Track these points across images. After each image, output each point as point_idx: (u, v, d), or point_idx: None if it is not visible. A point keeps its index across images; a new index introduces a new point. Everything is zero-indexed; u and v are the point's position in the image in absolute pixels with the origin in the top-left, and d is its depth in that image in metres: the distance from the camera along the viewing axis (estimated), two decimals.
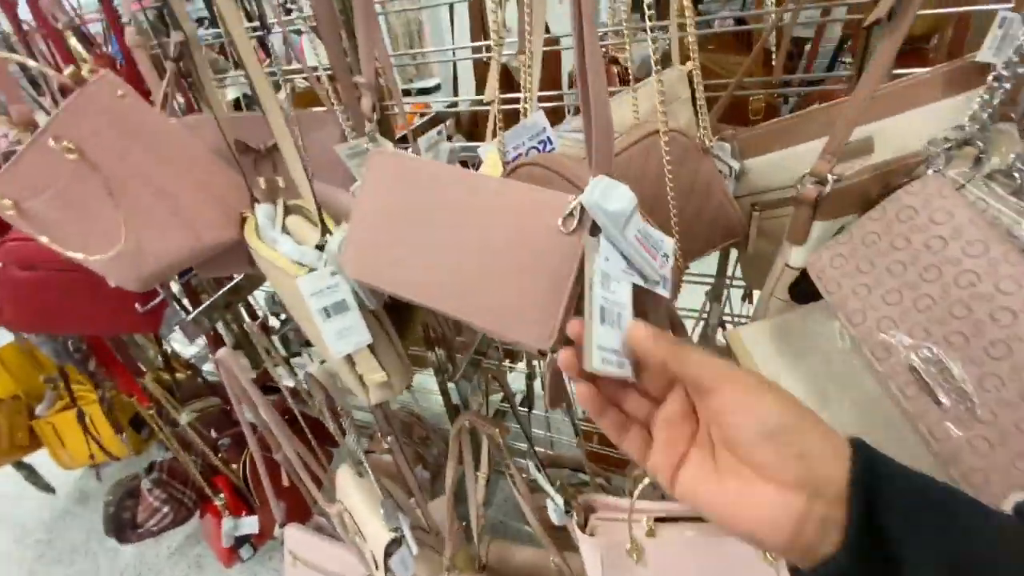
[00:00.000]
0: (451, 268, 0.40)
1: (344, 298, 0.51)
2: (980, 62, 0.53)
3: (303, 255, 0.52)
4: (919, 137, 0.58)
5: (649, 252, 0.34)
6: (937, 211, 0.40)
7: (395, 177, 0.43)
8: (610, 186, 0.32)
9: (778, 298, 0.61)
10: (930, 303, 0.39)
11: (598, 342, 0.31)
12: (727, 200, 0.59)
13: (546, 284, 0.36)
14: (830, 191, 0.52)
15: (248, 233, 0.58)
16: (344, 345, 0.53)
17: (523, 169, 0.49)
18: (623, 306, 0.33)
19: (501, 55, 0.59)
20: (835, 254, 0.46)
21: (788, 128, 0.63)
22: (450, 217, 0.40)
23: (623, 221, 0.32)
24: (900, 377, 0.40)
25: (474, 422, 0.64)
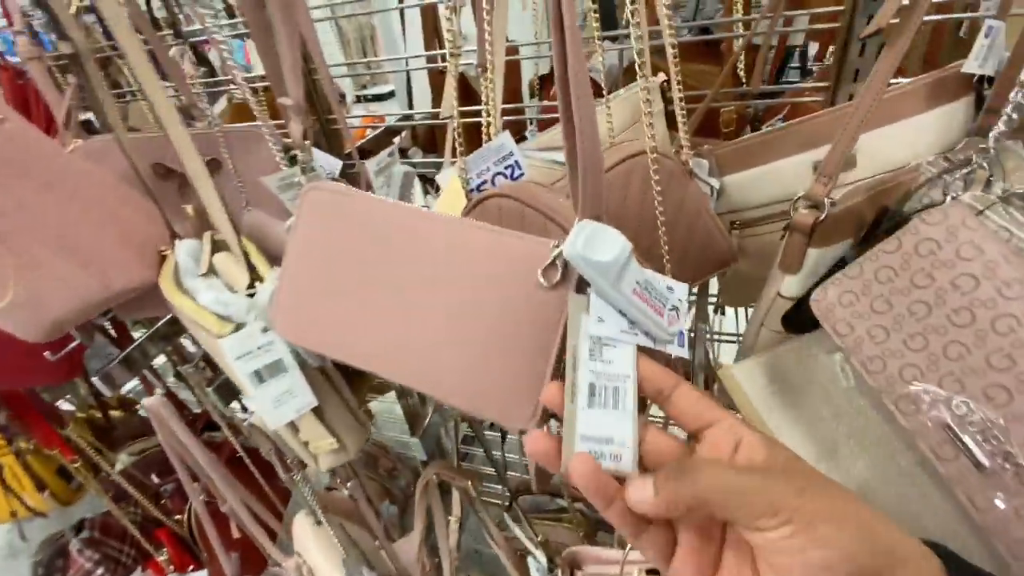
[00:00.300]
0: (407, 332, 0.33)
1: (280, 358, 0.44)
2: (966, 73, 0.50)
3: (228, 306, 0.44)
4: (904, 150, 0.55)
5: (653, 307, 0.28)
6: (963, 245, 0.35)
7: (337, 218, 0.36)
8: (596, 232, 0.27)
9: (770, 329, 0.57)
10: (963, 351, 0.35)
11: (583, 430, 0.26)
12: (716, 228, 0.54)
13: (526, 352, 0.30)
14: (827, 216, 0.48)
15: (163, 278, 0.49)
16: (284, 413, 0.45)
17: (491, 202, 0.43)
18: (623, 378, 0.27)
19: (458, 65, 0.52)
20: (844, 291, 0.41)
21: (766, 143, 0.59)
22: (405, 270, 0.33)
23: (615, 273, 0.27)
24: (932, 436, 0.35)
25: (443, 475, 0.57)
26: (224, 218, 0.42)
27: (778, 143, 0.58)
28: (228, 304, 0.44)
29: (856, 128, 0.45)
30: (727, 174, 0.62)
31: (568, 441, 0.26)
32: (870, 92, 0.44)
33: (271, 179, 0.45)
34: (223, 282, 0.48)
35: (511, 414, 0.31)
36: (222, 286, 0.48)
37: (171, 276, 0.48)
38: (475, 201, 0.44)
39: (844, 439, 0.43)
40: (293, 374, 0.44)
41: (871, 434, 0.41)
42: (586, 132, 0.25)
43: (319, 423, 0.47)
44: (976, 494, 0.33)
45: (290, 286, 0.38)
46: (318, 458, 0.51)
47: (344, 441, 0.50)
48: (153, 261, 0.52)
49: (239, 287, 0.47)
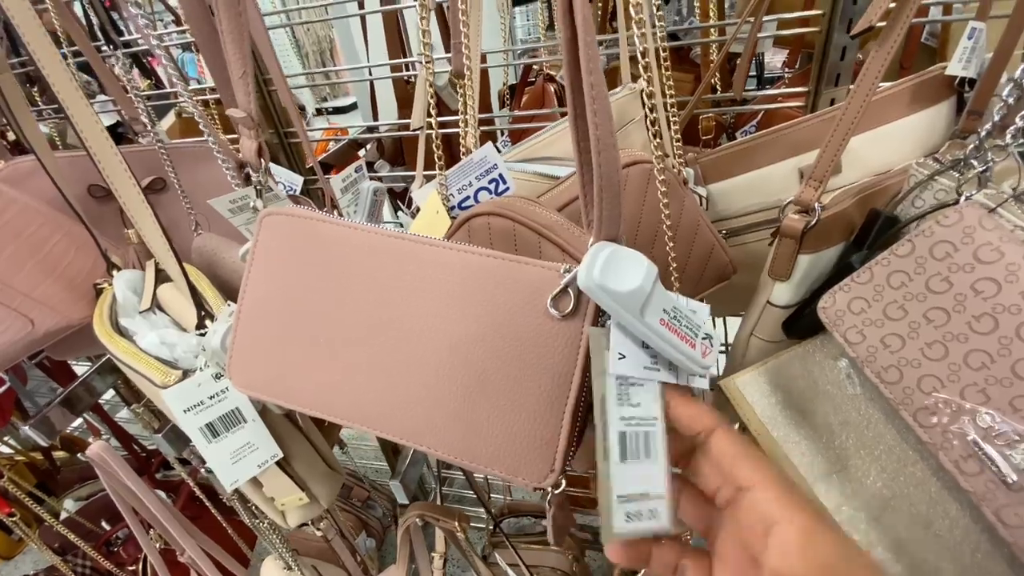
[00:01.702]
0: (393, 379, 0.29)
1: (237, 406, 0.38)
2: (948, 75, 0.49)
3: (175, 348, 0.38)
4: (889, 154, 0.54)
5: (685, 338, 0.25)
6: (982, 247, 0.33)
7: (301, 248, 0.31)
8: (615, 256, 0.23)
9: (759, 338, 0.55)
10: (986, 359, 0.33)
11: (619, 491, 0.23)
12: (715, 239, 0.51)
13: (538, 394, 0.26)
14: (817, 222, 0.46)
15: (97, 317, 0.42)
16: (243, 469, 0.39)
17: (478, 220, 0.38)
18: (651, 421, 0.24)
19: (432, 75, 0.49)
20: (854, 297, 0.39)
21: (750, 151, 0.58)
22: (386, 305, 0.29)
23: (640, 303, 0.23)
24: (955, 450, 0.33)
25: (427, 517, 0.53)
26: (165, 247, 0.37)
27: (763, 150, 0.56)
28: (174, 345, 0.38)
29: (846, 131, 0.43)
30: (711, 182, 0.60)
31: (605, 505, 0.23)
32: (859, 94, 0.42)
33: (219, 201, 0.40)
34: (170, 318, 0.42)
35: (523, 470, 0.26)
36: (166, 324, 0.42)
37: (106, 314, 0.42)
38: (461, 220, 0.40)
39: (854, 450, 0.41)
40: (254, 425, 0.39)
41: (882, 443, 0.39)
42: (604, 144, 0.22)
43: (286, 476, 0.42)
44: (1004, 510, 0.31)
45: (248, 329, 0.32)
46: (286, 514, 0.45)
47: (315, 493, 0.44)
48: (87, 296, 0.46)
49: (189, 324, 0.41)
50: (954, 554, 0.35)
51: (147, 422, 0.78)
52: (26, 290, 0.42)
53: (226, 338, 0.36)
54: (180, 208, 0.66)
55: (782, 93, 0.63)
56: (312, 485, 0.44)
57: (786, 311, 0.50)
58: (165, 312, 0.43)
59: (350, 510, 1.21)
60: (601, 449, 0.24)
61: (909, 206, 0.44)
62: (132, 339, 0.40)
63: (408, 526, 0.56)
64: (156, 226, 0.36)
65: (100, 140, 0.33)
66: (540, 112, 0.89)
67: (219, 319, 0.37)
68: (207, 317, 0.39)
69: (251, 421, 0.39)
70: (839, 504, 0.41)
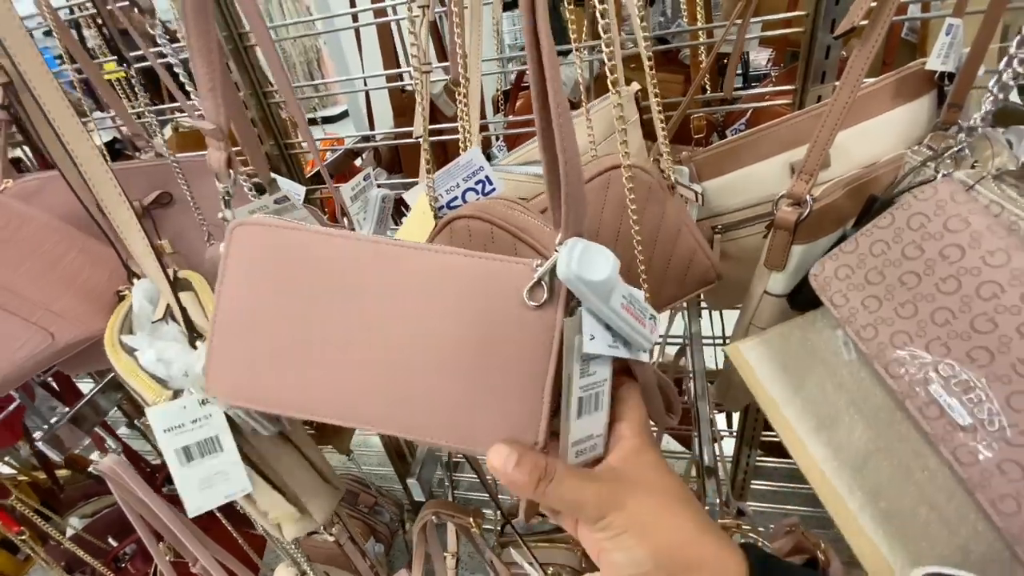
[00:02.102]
0: (383, 376, 0.30)
1: (216, 434, 0.39)
2: (928, 70, 0.52)
3: (170, 367, 0.39)
4: (874, 147, 0.56)
5: (638, 318, 0.29)
6: (951, 218, 0.37)
7: (276, 257, 0.31)
8: (588, 250, 0.26)
9: (757, 327, 0.57)
10: (949, 316, 0.36)
11: (574, 439, 0.29)
12: (698, 245, 0.53)
13: (520, 377, 0.29)
14: (809, 213, 0.48)
15: (109, 332, 0.43)
16: (210, 497, 0.40)
17: (459, 223, 0.40)
18: (602, 383, 0.29)
19: (428, 83, 0.50)
20: (840, 264, 0.43)
21: (742, 148, 0.60)
22: (370, 307, 0.30)
23: (607, 290, 0.26)
24: (919, 397, 0.37)
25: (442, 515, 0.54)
26: (155, 267, 0.37)
27: (754, 147, 0.58)
28: (171, 363, 0.39)
29: (835, 124, 0.46)
30: (705, 179, 0.62)
31: (562, 449, 0.29)
32: (845, 90, 0.44)
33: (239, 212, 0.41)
34: (180, 329, 0.43)
35: None
36: (175, 335, 0.43)
37: (116, 329, 0.43)
38: (443, 222, 0.41)
39: (844, 408, 0.44)
40: (229, 455, 0.40)
41: (871, 403, 0.42)
42: (566, 147, 0.24)
43: (277, 493, 0.43)
44: (959, 449, 0.35)
45: (225, 341, 0.32)
46: (282, 527, 0.46)
47: (310, 508, 0.45)
48: (105, 308, 0.47)
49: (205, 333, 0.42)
50: (931, 501, 0.39)
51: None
52: (46, 303, 0.43)
53: None
54: (187, 220, 0.67)
55: (770, 92, 0.65)
56: (307, 500, 0.45)
57: (782, 300, 0.52)
58: (177, 323, 0.44)
59: (357, 516, 1.22)
60: (564, 412, 0.28)
61: (906, 190, 0.46)
62: (133, 355, 0.41)
63: (425, 524, 0.57)
64: (146, 245, 0.37)
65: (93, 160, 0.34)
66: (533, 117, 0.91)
67: (204, 345, 0.38)
68: (198, 339, 0.40)
69: (227, 451, 0.40)
70: (827, 456, 0.44)
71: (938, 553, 0.38)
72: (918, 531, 0.39)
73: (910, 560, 0.39)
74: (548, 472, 0.28)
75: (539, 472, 0.27)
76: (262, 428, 0.43)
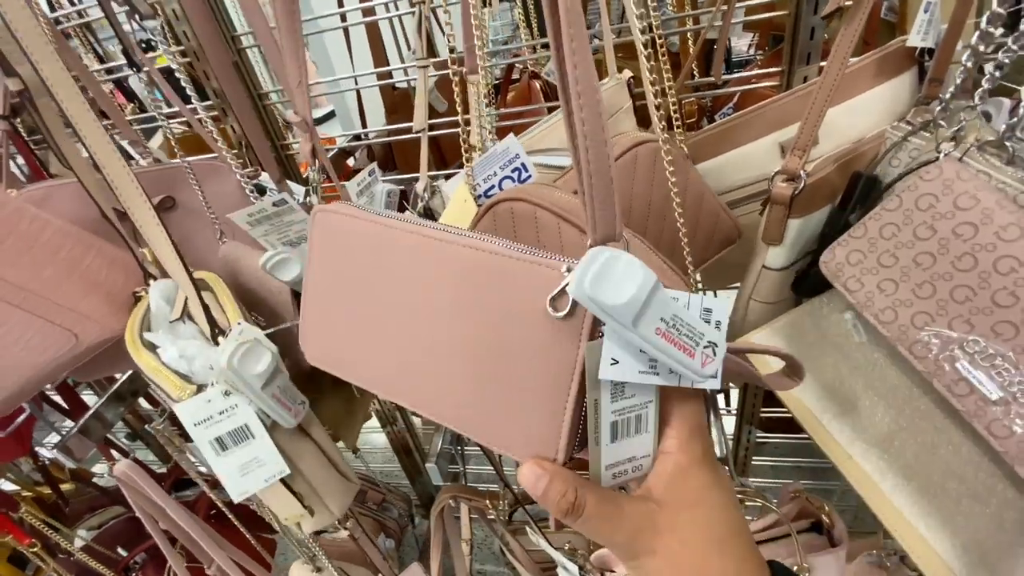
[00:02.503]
0: (425, 363, 0.31)
1: (246, 423, 0.40)
2: (909, 47, 0.54)
3: (193, 362, 0.40)
4: (860, 123, 0.58)
5: (683, 348, 0.24)
6: (960, 196, 0.37)
7: (346, 242, 0.33)
8: (610, 264, 0.22)
9: (757, 301, 0.59)
10: (969, 293, 0.37)
11: (608, 463, 0.26)
12: (720, 207, 0.55)
13: (542, 390, 0.26)
14: (804, 187, 0.50)
15: (129, 330, 0.44)
16: (251, 483, 0.41)
17: (502, 206, 0.41)
18: (644, 405, 0.26)
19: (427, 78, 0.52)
20: (851, 250, 0.43)
21: (733, 130, 0.61)
22: (413, 296, 0.30)
23: (632, 314, 0.22)
24: (947, 375, 0.37)
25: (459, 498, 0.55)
26: (178, 266, 0.38)
27: (745, 128, 0.60)
28: (193, 359, 0.40)
29: (824, 102, 0.47)
30: (699, 162, 0.64)
31: (594, 471, 0.26)
32: (833, 68, 0.46)
33: (238, 215, 0.42)
34: (198, 328, 0.44)
35: (532, 453, 0.27)
36: (194, 333, 0.44)
37: (136, 328, 0.44)
38: (486, 207, 0.43)
39: (863, 391, 0.45)
40: (261, 441, 0.41)
41: (887, 383, 0.43)
42: (592, 141, 0.21)
43: (288, 494, 0.44)
44: (993, 424, 0.35)
45: (311, 313, 0.36)
46: (301, 523, 0.48)
47: (327, 503, 0.46)
48: (124, 308, 0.48)
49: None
50: (959, 475, 0.39)
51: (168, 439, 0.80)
52: (69, 305, 0.44)
53: (233, 357, 0.38)
54: (191, 224, 0.67)
55: (757, 74, 0.67)
56: (324, 495, 0.46)
57: (781, 273, 0.54)
58: (195, 322, 0.45)
59: (367, 513, 1.23)
60: (592, 436, 0.25)
61: (887, 166, 0.48)
62: (155, 352, 0.42)
63: (442, 509, 0.58)
64: (169, 244, 0.38)
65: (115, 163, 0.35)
66: (527, 108, 0.93)
67: (229, 338, 0.39)
68: (220, 334, 0.41)
69: (259, 437, 0.41)
70: (852, 439, 0.45)
71: (974, 526, 0.38)
72: (951, 507, 0.39)
73: (950, 539, 0.39)
74: (576, 507, 0.25)
75: (567, 504, 0.25)
76: (283, 420, 0.44)
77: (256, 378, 0.40)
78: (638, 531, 0.26)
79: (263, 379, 0.41)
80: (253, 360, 0.40)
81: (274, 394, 0.42)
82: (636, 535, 0.26)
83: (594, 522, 0.25)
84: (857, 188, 0.47)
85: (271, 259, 0.48)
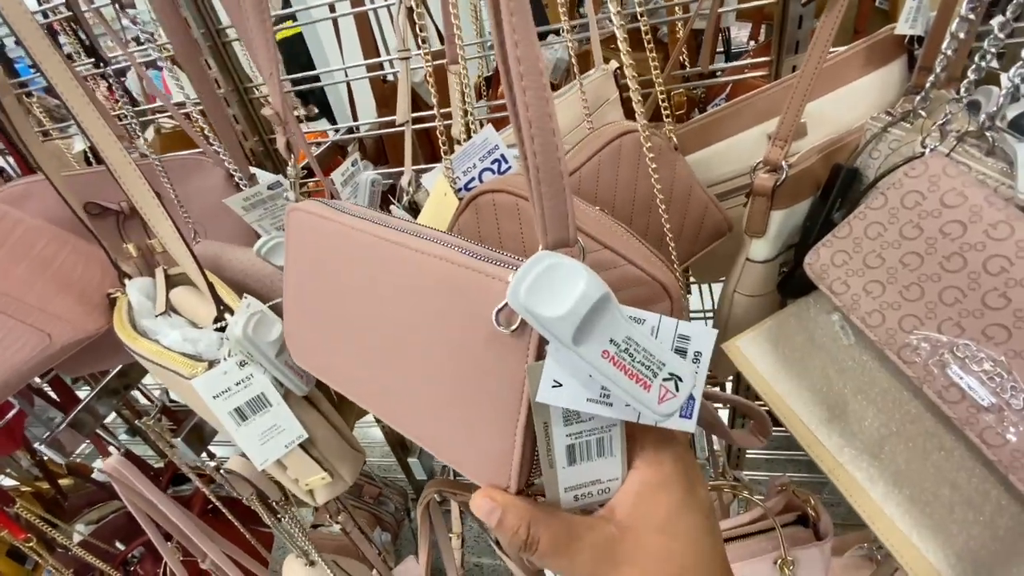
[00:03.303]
0: (386, 370, 0.29)
1: (262, 391, 0.40)
2: (898, 34, 0.53)
3: (198, 343, 0.40)
4: (849, 113, 0.57)
5: (635, 377, 0.20)
6: (947, 193, 0.36)
7: (317, 241, 0.33)
8: (551, 272, 0.19)
9: (741, 294, 0.59)
10: (958, 295, 0.35)
11: (566, 484, 0.24)
12: (709, 200, 0.54)
13: (493, 410, 0.24)
14: (785, 178, 0.49)
15: (117, 322, 0.44)
16: (272, 449, 0.42)
17: (484, 198, 0.41)
18: (608, 427, 0.23)
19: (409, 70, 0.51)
20: (836, 251, 0.42)
21: (720, 121, 0.61)
22: (376, 301, 0.29)
23: (571, 330, 0.19)
24: (937, 381, 0.36)
25: (444, 492, 0.55)
26: (184, 250, 0.38)
27: (731, 119, 0.59)
28: (197, 341, 0.40)
29: (804, 92, 0.47)
30: (687, 154, 0.63)
31: (552, 495, 0.24)
32: (813, 58, 0.45)
33: (234, 200, 0.41)
34: (185, 320, 0.44)
35: (486, 477, 0.26)
36: (182, 324, 0.44)
37: (126, 320, 0.44)
38: (467, 200, 0.42)
39: (852, 395, 0.43)
40: (278, 408, 0.41)
41: (877, 386, 0.42)
42: (539, 129, 0.19)
43: (308, 458, 0.44)
44: (986, 432, 0.34)
45: (289, 310, 0.35)
46: (314, 492, 0.48)
47: (339, 471, 0.47)
48: (100, 307, 0.48)
49: (203, 322, 0.43)
50: (952, 481, 0.38)
51: (159, 434, 0.80)
52: (40, 305, 0.44)
53: (248, 327, 0.38)
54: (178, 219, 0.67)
55: (747, 64, 0.66)
56: (335, 463, 0.47)
57: (764, 265, 0.54)
58: (180, 314, 0.45)
59: (363, 507, 1.23)
60: (545, 458, 0.23)
61: (867, 158, 0.47)
62: (154, 339, 0.42)
63: (428, 503, 0.58)
64: (174, 230, 0.38)
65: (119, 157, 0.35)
66: None
67: (239, 311, 0.40)
68: (226, 311, 0.41)
69: (276, 405, 0.41)
70: (841, 445, 0.43)
71: (967, 534, 0.37)
72: (944, 514, 0.38)
73: (942, 548, 0.38)
74: (529, 544, 0.24)
75: (519, 541, 0.24)
76: (296, 388, 0.44)
77: (270, 345, 0.41)
78: (596, 563, 0.23)
79: (276, 346, 0.41)
80: (265, 328, 0.41)
81: (287, 361, 0.42)
82: (595, 568, 0.23)
83: (549, 559, 0.24)
84: (838, 180, 0.47)
85: (266, 244, 0.48)
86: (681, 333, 0.22)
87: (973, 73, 0.39)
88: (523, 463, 0.24)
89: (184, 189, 0.68)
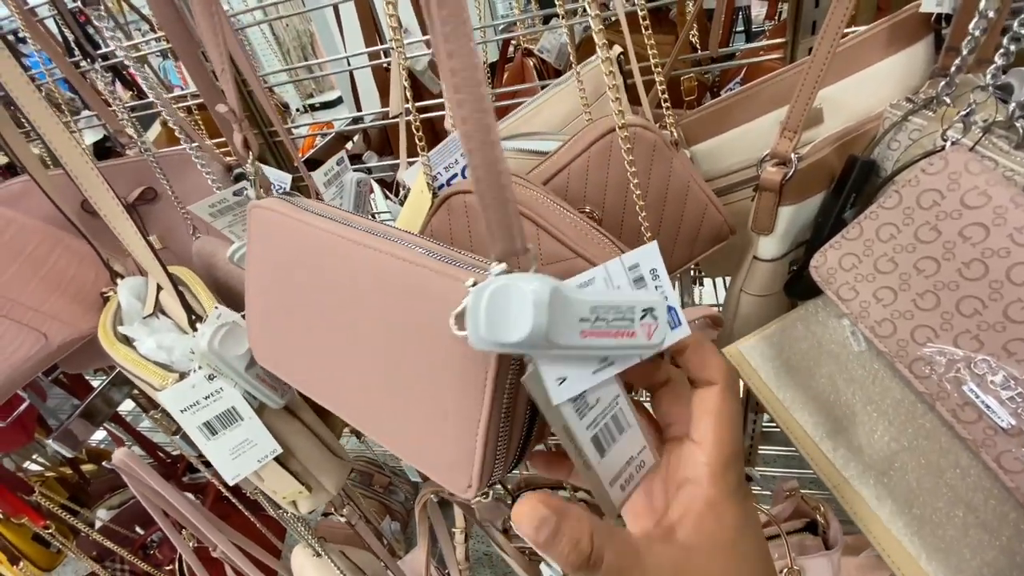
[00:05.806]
0: (349, 373, 0.29)
1: (232, 405, 0.39)
2: (924, 12, 0.49)
3: (172, 352, 0.40)
4: (869, 99, 0.54)
5: (620, 333, 0.21)
6: (968, 192, 0.32)
7: (279, 239, 0.32)
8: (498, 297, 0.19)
9: (748, 293, 0.56)
10: (978, 305, 0.32)
11: (608, 478, 0.23)
12: (709, 200, 0.51)
13: (452, 415, 0.24)
14: (794, 173, 0.46)
15: (101, 325, 0.44)
16: (244, 464, 0.41)
17: (456, 199, 0.39)
18: (615, 401, 0.23)
19: (403, 59, 0.49)
20: (844, 253, 0.39)
21: (731, 108, 0.57)
22: (336, 300, 0.29)
23: (542, 337, 0.19)
24: (951, 399, 0.33)
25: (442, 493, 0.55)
26: (149, 256, 0.38)
27: (743, 106, 0.56)
28: (171, 349, 0.40)
29: (816, 77, 0.43)
30: (695, 143, 0.60)
31: (599, 493, 0.23)
32: (826, 40, 0.42)
33: (199, 206, 0.40)
34: (172, 322, 0.44)
35: (448, 480, 0.26)
36: (169, 327, 0.43)
37: (109, 323, 0.43)
38: (440, 199, 0.40)
39: (861, 406, 0.40)
40: (250, 422, 0.40)
41: (889, 397, 0.39)
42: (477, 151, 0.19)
43: (285, 472, 0.44)
44: (1003, 456, 0.31)
45: (252, 312, 0.34)
46: (297, 503, 0.47)
47: (321, 481, 0.46)
48: (95, 307, 0.48)
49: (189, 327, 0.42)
50: (967, 502, 0.35)
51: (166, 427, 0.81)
52: (35, 305, 0.44)
53: (213, 340, 0.37)
54: (175, 216, 0.67)
55: (762, 46, 0.62)
56: (318, 474, 0.46)
57: (772, 264, 0.51)
58: (168, 316, 0.45)
59: (373, 496, 1.25)
60: (580, 463, 0.23)
61: (885, 148, 0.44)
62: (133, 345, 0.42)
63: (424, 502, 0.58)
64: (138, 236, 0.37)
65: (76, 158, 0.34)
66: (522, 87, 0.89)
67: (207, 321, 0.39)
68: (197, 320, 0.40)
69: (248, 419, 0.40)
70: (847, 460, 0.41)
71: (981, 559, 0.35)
72: (958, 537, 0.35)
73: (953, 573, 0.35)
74: (593, 563, 0.21)
75: (580, 559, 0.20)
76: (270, 401, 0.43)
77: (238, 359, 0.40)
78: None
79: (245, 360, 0.40)
80: (233, 342, 0.40)
81: (259, 375, 0.42)
82: None
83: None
84: (852, 173, 0.43)
85: (238, 251, 0.47)
86: (629, 265, 0.23)
87: (1001, 58, 0.36)
88: (484, 463, 0.24)
89: (184, 184, 0.68)
